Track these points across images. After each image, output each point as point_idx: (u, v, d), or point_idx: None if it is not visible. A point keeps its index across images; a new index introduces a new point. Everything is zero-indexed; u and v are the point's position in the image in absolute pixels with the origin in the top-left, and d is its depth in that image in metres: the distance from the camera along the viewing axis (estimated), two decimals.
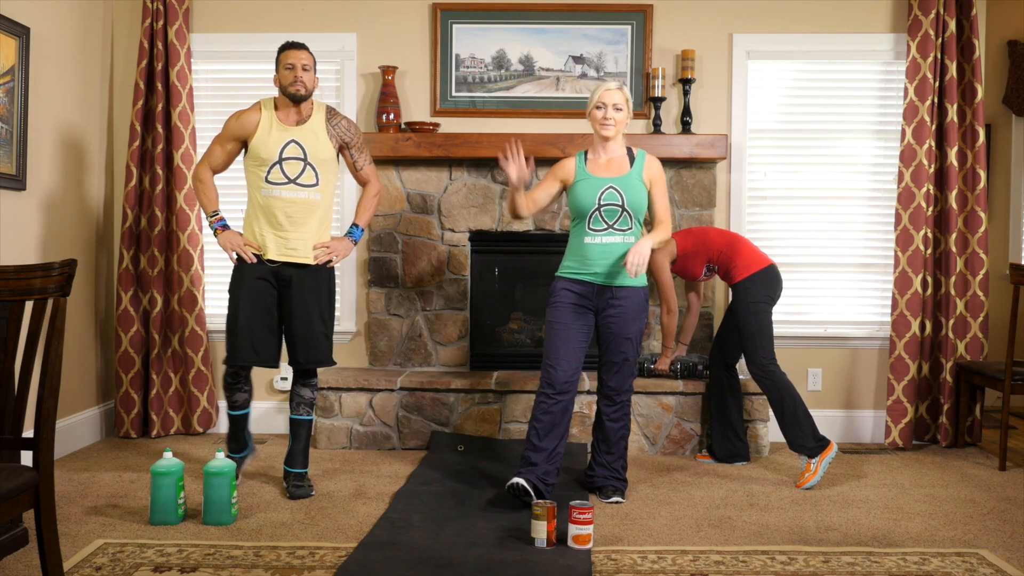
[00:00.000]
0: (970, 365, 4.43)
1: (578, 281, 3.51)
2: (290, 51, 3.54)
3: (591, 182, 3.50)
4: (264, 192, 3.53)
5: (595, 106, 3.50)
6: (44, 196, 4.07)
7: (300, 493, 3.58)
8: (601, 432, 3.64)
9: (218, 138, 3.63)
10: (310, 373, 3.67)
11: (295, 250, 3.54)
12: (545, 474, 3.44)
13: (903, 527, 3.29)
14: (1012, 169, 5.37)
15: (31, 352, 2.34)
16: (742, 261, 3.98)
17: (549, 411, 3.45)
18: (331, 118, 3.63)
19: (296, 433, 3.68)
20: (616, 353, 3.54)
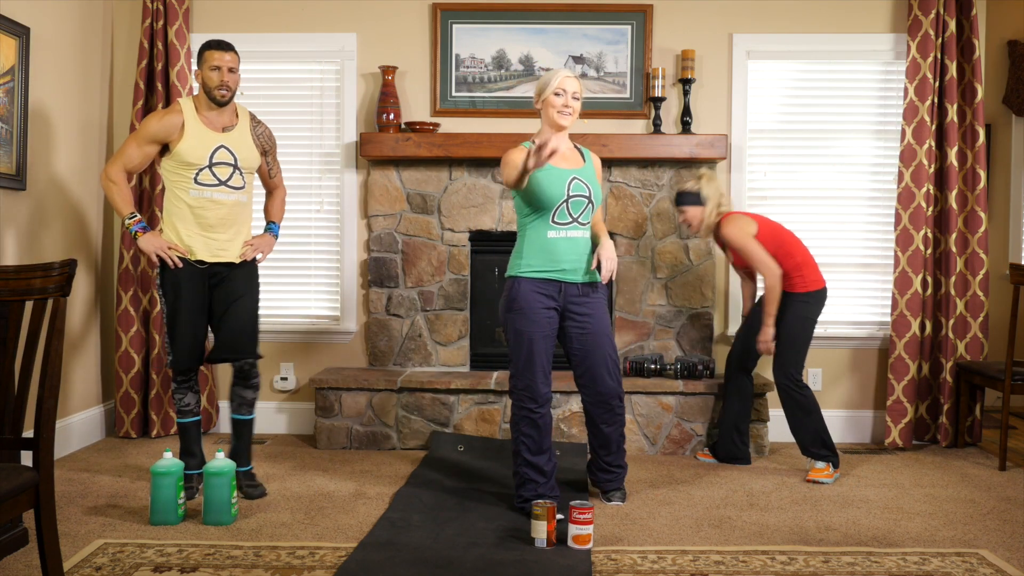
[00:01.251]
0: (970, 365, 4.43)
1: (545, 280, 3.29)
2: (215, 51, 3.44)
3: (554, 172, 3.25)
4: (194, 193, 3.47)
5: (554, 92, 3.25)
6: (44, 196, 4.07)
7: (256, 493, 3.57)
8: (600, 439, 3.49)
9: (135, 138, 3.50)
10: (250, 374, 3.61)
11: (225, 251, 3.54)
12: (551, 489, 3.38)
13: (903, 527, 3.29)
14: (1012, 169, 5.37)
15: (31, 352, 2.34)
16: (810, 274, 3.97)
17: (537, 424, 3.32)
18: (255, 125, 3.63)
19: (238, 433, 3.65)
20: (597, 356, 3.35)
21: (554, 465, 3.41)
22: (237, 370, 3.61)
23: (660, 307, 4.67)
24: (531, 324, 3.27)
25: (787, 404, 3.97)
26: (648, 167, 4.65)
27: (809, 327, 3.97)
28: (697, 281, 4.67)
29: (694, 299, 4.67)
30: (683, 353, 4.66)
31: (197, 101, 3.52)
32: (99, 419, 4.60)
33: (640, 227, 4.66)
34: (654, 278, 4.67)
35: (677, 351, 4.67)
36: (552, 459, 3.41)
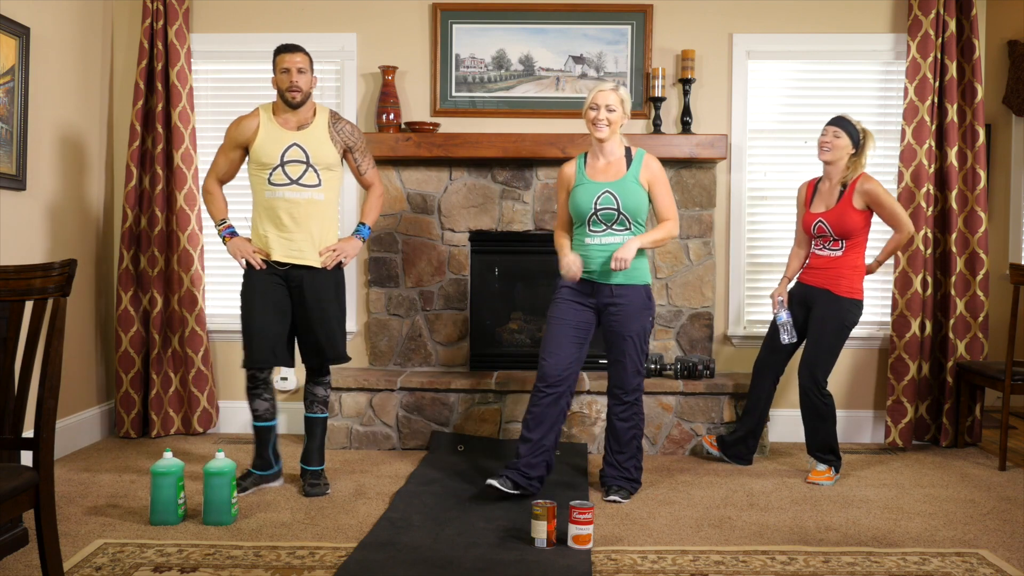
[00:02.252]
0: (970, 365, 4.43)
1: (582, 280, 3.57)
2: (284, 54, 3.52)
3: (588, 187, 3.55)
4: (268, 194, 3.54)
5: (589, 107, 3.51)
6: (44, 196, 4.07)
7: (315, 491, 3.60)
8: (612, 431, 3.66)
9: (221, 148, 3.66)
10: (322, 371, 3.68)
11: (301, 251, 3.55)
12: (528, 466, 3.51)
13: (903, 527, 3.29)
14: (1012, 169, 5.37)
15: (31, 352, 2.34)
16: (860, 282, 3.90)
17: (539, 403, 3.54)
18: (335, 122, 3.63)
19: (311, 431, 3.70)
20: (616, 351, 3.58)
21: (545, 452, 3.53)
22: (313, 369, 3.66)
23: (660, 307, 4.67)
24: (558, 311, 3.60)
25: (806, 406, 3.91)
26: None
27: (845, 336, 3.90)
28: (697, 281, 4.67)
29: (694, 299, 4.67)
30: (683, 353, 4.66)
31: (276, 105, 3.59)
32: (99, 419, 4.60)
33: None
34: (654, 278, 4.67)
35: (677, 351, 4.67)
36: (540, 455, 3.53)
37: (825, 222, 3.87)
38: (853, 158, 3.88)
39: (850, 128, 3.86)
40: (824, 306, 3.87)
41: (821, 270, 3.91)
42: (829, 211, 3.88)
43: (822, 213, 3.89)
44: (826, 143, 3.87)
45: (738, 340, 4.75)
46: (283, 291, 3.58)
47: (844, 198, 3.85)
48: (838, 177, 3.90)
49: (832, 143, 3.86)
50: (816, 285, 3.92)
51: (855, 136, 3.86)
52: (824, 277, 3.89)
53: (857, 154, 3.88)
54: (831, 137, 3.86)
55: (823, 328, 3.86)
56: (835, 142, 3.85)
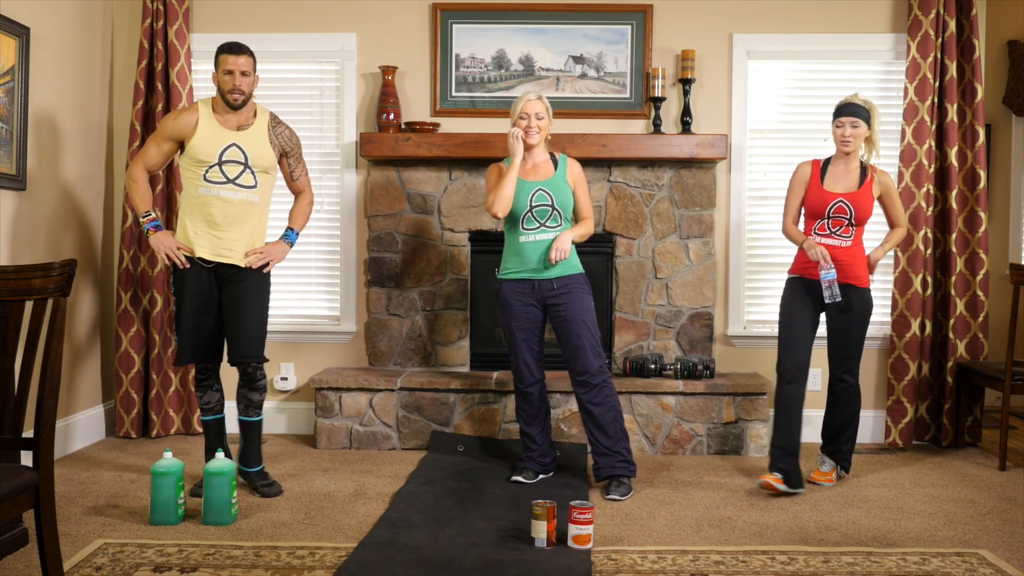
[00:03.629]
0: (970, 365, 4.43)
1: (520, 280, 3.76)
2: (228, 55, 3.45)
3: (522, 186, 3.72)
4: (202, 190, 3.50)
5: (519, 116, 3.71)
6: (44, 196, 4.07)
7: (271, 491, 3.60)
8: (591, 420, 3.70)
9: (154, 137, 3.59)
10: (255, 376, 3.63)
11: (230, 251, 3.52)
12: (541, 455, 3.86)
13: (903, 527, 3.29)
14: (1012, 169, 5.36)
15: (31, 352, 2.34)
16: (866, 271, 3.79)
17: (527, 399, 3.84)
18: (275, 126, 3.61)
19: (248, 434, 3.68)
20: (572, 338, 3.70)
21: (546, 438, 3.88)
22: (242, 373, 3.62)
23: (660, 307, 4.67)
24: (512, 319, 3.78)
25: (844, 403, 3.82)
26: (648, 167, 4.65)
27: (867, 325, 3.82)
28: (697, 281, 4.67)
29: (694, 299, 4.67)
30: (683, 353, 4.66)
31: (215, 102, 3.55)
32: (99, 419, 4.60)
33: (640, 227, 4.66)
34: (654, 278, 4.67)
35: (677, 351, 4.67)
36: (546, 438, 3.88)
37: (848, 203, 3.70)
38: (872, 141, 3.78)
39: (862, 112, 3.72)
40: (857, 300, 3.74)
41: (835, 263, 3.70)
42: (853, 193, 3.72)
43: (843, 194, 3.72)
44: (847, 138, 3.72)
45: (738, 340, 4.75)
46: (212, 288, 3.56)
47: (867, 183, 3.74)
48: (856, 160, 3.78)
49: (853, 135, 3.71)
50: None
51: (867, 117, 3.72)
52: (841, 271, 3.70)
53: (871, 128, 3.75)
54: (850, 130, 3.71)
55: (851, 323, 3.75)
56: (855, 132, 3.71)
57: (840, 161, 3.81)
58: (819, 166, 3.85)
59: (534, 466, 3.83)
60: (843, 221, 3.72)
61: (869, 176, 3.76)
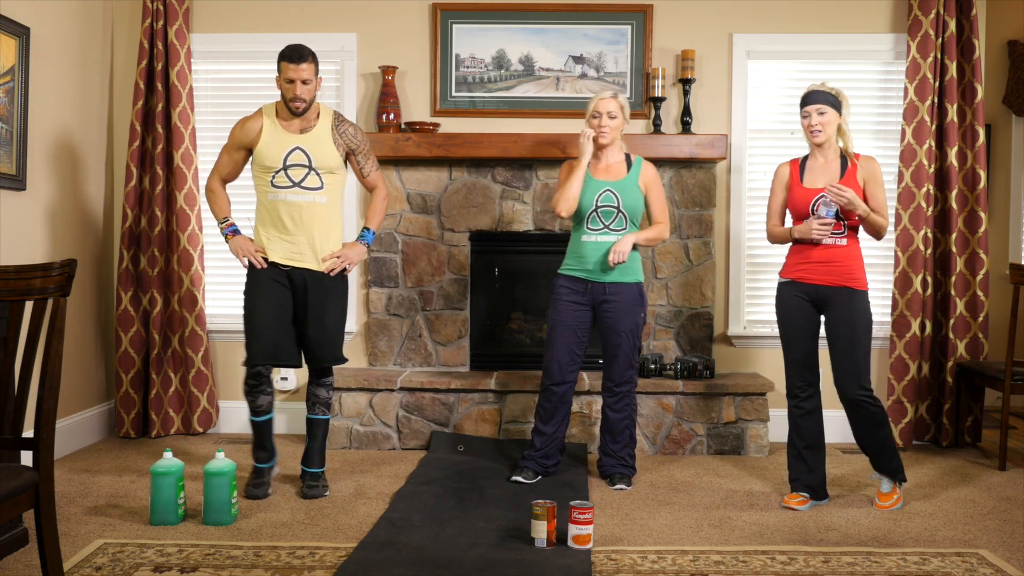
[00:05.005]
0: (970, 365, 4.43)
1: (574, 278, 3.75)
2: (289, 64, 3.44)
3: (590, 184, 3.71)
4: (270, 196, 3.53)
5: (591, 115, 3.72)
6: (44, 196, 4.07)
7: (314, 493, 3.59)
8: (606, 423, 3.83)
9: (225, 148, 3.65)
10: (325, 372, 3.68)
11: (302, 254, 3.54)
12: (545, 456, 3.81)
13: (903, 527, 3.29)
14: (1012, 169, 5.37)
15: (31, 352, 2.34)
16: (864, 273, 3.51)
17: (549, 399, 3.78)
18: (338, 125, 3.60)
19: (312, 432, 3.70)
20: (611, 346, 3.75)
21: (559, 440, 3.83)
22: (316, 370, 3.66)
23: (660, 307, 4.67)
24: (557, 312, 3.77)
25: (863, 420, 3.46)
26: None
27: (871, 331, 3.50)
28: (697, 281, 4.67)
29: (694, 299, 4.67)
30: (683, 353, 4.66)
31: (279, 106, 3.57)
32: (99, 419, 4.60)
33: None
34: (654, 278, 4.67)
35: (677, 351, 4.67)
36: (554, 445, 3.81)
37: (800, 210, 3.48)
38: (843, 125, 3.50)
39: (829, 98, 3.45)
40: (846, 306, 3.43)
41: (829, 264, 3.45)
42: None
43: (825, 188, 3.40)
44: (815, 127, 3.45)
45: (738, 340, 4.75)
46: (286, 291, 3.57)
47: (849, 172, 3.46)
48: (833, 151, 3.52)
49: (821, 123, 3.44)
50: (829, 284, 3.45)
51: (836, 104, 3.46)
52: (836, 273, 3.44)
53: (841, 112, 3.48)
54: (817, 117, 3.45)
55: (854, 330, 3.42)
56: (823, 120, 3.44)
57: (817, 155, 3.54)
58: (798, 164, 3.59)
59: (535, 466, 3.82)
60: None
61: (851, 166, 3.47)
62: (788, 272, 3.57)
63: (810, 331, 3.54)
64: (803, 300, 3.52)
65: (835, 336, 3.46)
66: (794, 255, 3.56)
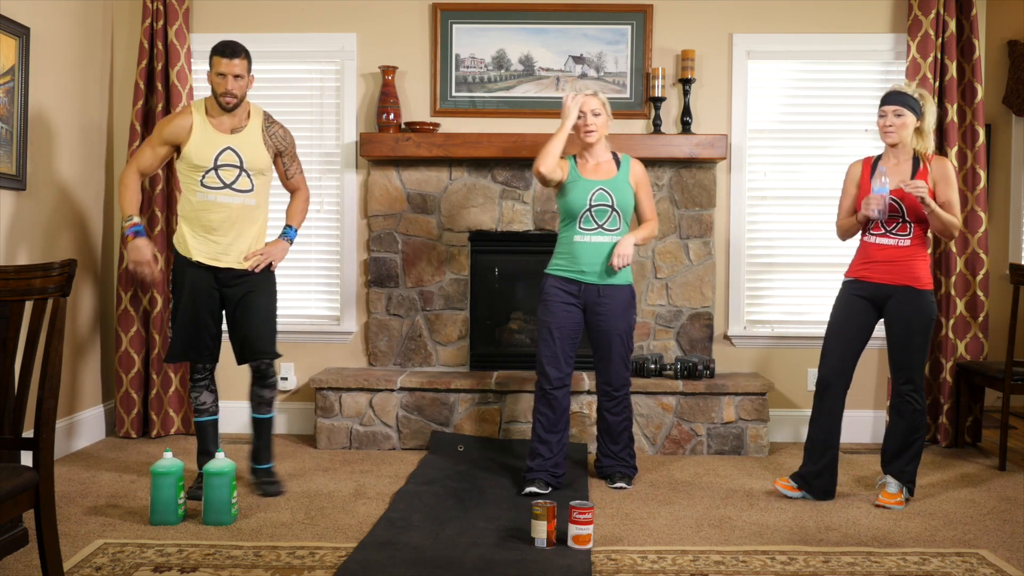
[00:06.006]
0: (970, 365, 4.43)
1: (566, 279, 3.68)
2: (221, 58, 3.41)
3: (582, 183, 3.66)
4: (199, 196, 3.47)
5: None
6: (44, 196, 4.07)
7: (273, 490, 3.59)
8: (604, 426, 3.80)
9: (149, 141, 3.55)
10: (267, 373, 3.63)
11: (226, 255, 3.51)
12: (555, 466, 3.69)
13: (903, 527, 3.29)
14: (1012, 169, 5.37)
15: (31, 352, 2.34)
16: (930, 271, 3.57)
17: (549, 404, 3.67)
18: (268, 126, 3.58)
19: (258, 431, 3.68)
20: (605, 349, 3.71)
21: (564, 447, 3.72)
22: (254, 370, 3.63)
23: (660, 307, 4.67)
24: (550, 315, 3.68)
25: (905, 416, 3.52)
26: (648, 167, 4.64)
27: (932, 330, 3.53)
28: (697, 281, 4.67)
29: (694, 299, 4.67)
30: (683, 353, 4.66)
31: (209, 103, 3.52)
32: (99, 419, 4.60)
33: None
34: (654, 278, 4.67)
35: (677, 351, 4.67)
36: (561, 452, 3.71)
37: (899, 201, 3.44)
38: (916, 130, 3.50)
39: (910, 101, 3.45)
40: (906, 304, 3.46)
41: (891, 263, 3.47)
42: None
43: (893, 190, 3.43)
44: (889, 127, 3.46)
45: (738, 340, 4.75)
46: (212, 290, 3.54)
47: (920, 174, 3.45)
48: (906, 153, 3.51)
49: (895, 124, 3.45)
50: (891, 283, 3.48)
51: (916, 108, 3.45)
52: (898, 272, 3.46)
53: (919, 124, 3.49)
54: (892, 119, 3.45)
55: (911, 328, 3.45)
56: (898, 122, 3.44)
57: (889, 155, 3.55)
58: (870, 164, 3.61)
59: (547, 477, 3.65)
60: (896, 219, 3.47)
61: (923, 167, 3.47)
62: (852, 271, 3.63)
63: (859, 329, 3.58)
64: (861, 298, 3.57)
65: (891, 332, 3.53)
66: (859, 255, 3.61)
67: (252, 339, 3.56)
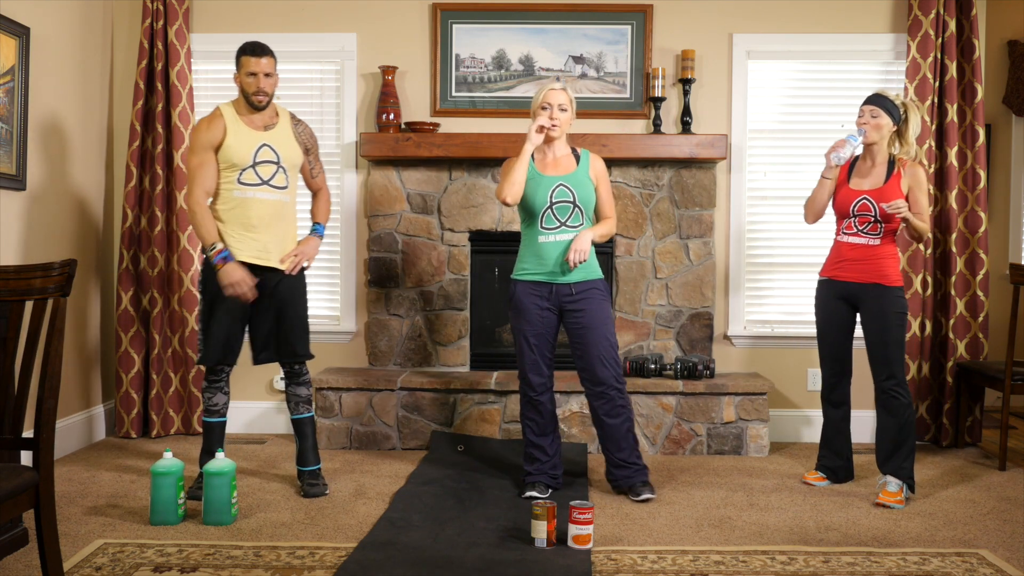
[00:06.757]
0: (970, 365, 4.43)
1: (536, 283, 3.56)
2: (251, 58, 3.44)
3: (542, 180, 3.53)
4: (237, 193, 3.49)
5: (540, 106, 3.50)
6: (44, 196, 4.07)
7: (315, 491, 3.59)
8: (603, 431, 3.61)
9: (196, 157, 3.47)
10: (300, 372, 3.67)
11: (267, 252, 3.52)
12: (552, 468, 3.64)
13: (903, 527, 3.29)
14: (1012, 169, 5.37)
15: (31, 352, 2.34)
16: (899, 268, 3.68)
17: (536, 408, 3.61)
18: (295, 124, 3.63)
19: (301, 432, 3.69)
20: (590, 347, 3.53)
21: (557, 448, 3.67)
22: (287, 371, 3.65)
23: (660, 307, 4.67)
24: (524, 323, 3.57)
25: (891, 412, 3.61)
26: (648, 167, 4.65)
27: (906, 324, 3.65)
28: (697, 281, 4.67)
29: (694, 299, 4.67)
30: (683, 353, 4.67)
31: (238, 104, 3.55)
32: (99, 419, 4.60)
33: (640, 227, 4.66)
34: (654, 278, 4.67)
35: (677, 351, 4.68)
36: (556, 453, 3.65)
37: (872, 200, 3.57)
38: (895, 135, 3.64)
39: (888, 105, 3.58)
40: (878, 300, 3.60)
41: (861, 262, 3.63)
42: (878, 189, 3.59)
43: (868, 191, 3.60)
44: (863, 124, 3.60)
45: (738, 340, 4.75)
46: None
47: (894, 177, 3.60)
48: (882, 156, 3.64)
49: (869, 123, 3.58)
50: (861, 281, 3.63)
51: (895, 113, 3.58)
52: (868, 270, 3.62)
53: (901, 130, 3.62)
54: (868, 117, 3.59)
55: (886, 323, 3.58)
56: (872, 122, 3.58)
57: (866, 157, 3.69)
58: (848, 164, 3.74)
59: (546, 479, 3.61)
60: (868, 219, 3.60)
61: (896, 171, 3.61)
62: (826, 271, 3.79)
63: (842, 327, 3.77)
64: (837, 299, 3.74)
65: (868, 330, 3.66)
66: (832, 255, 3.77)
67: (289, 341, 3.58)
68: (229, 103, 3.57)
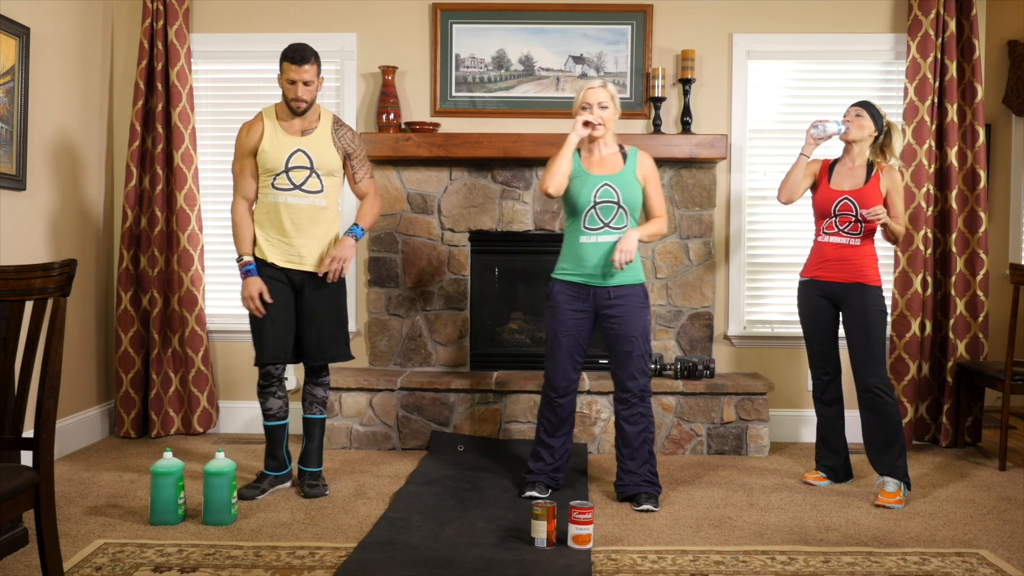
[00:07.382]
0: (970, 365, 4.43)
1: (574, 284, 3.51)
2: (291, 66, 3.44)
3: (587, 179, 3.47)
4: (271, 198, 3.53)
5: (580, 106, 3.47)
6: (44, 196, 4.07)
7: (314, 492, 3.59)
8: (621, 437, 3.56)
9: (236, 161, 3.58)
10: (321, 371, 3.68)
11: (302, 257, 3.54)
12: (555, 470, 3.62)
13: (903, 527, 3.29)
14: (1012, 169, 5.37)
15: (31, 352, 2.34)
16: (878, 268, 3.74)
17: (554, 411, 3.57)
18: (337, 128, 3.61)
19: (310, 432, 3.70)
20: (622, 353, 3.50)
21: (566, 452, 3.64)
22: (309, 369, 3.65)
23: (660, 307, 4.67)
24: (557, 323, 3.53)
25: (877, 412, 3.64)
26: None
27: (886, 323, 3.72)
28: (697, 281, 4.67)
29: (694, 299, 4.67)
30: (683, 353, 4.67)
31: (279, 108, 3.57)
32: (99, 419, 4.60)
33: None
34: (654, 278, 4.67)
35: (677, 351, 4.68)
36: (563, 458, 3.63)
37: (853, 200, 3.65)
38: (874, 147, 3.73)
39: (873, 111, 3.71)
40: (860, 299, 3.66)
41: (842, 262, 3.69)
42: (858, 190, 3.67)
43: (849, 191, 3.68)
44: (847, 121, 3.72)
45: (738, 340, 4.75)
46: (287, 289, 3.58)
47: (873, 179, 3.69)
48: (862, 158, 3.74)
49: (853, 122, 3.70)
50: (842, 281, 3.70)
51: (878, 121, 3.70)
52: (849, 271, 3.68)
53: (882, 145, 3.72)
54: (853, 116, 3.71)
55: (867, 321, 3.64)
56: (856, 121, 3.69)
57: (846, 158, 3.78)
58: (828, 165, 3.83)
59: (547, 480, 3.60)
60: (849, 219, 3.67)
61: (875, 173, 3.70)
62: (807, 271, 3.85)
63: (827, 326, 3.83)
64: (820, 297, 3.80)
65: (850, 329, 3.71)
66: (814, 255, 3.82)
67: (328, 344, 3.59)
68: (272, 106, 3.60)
